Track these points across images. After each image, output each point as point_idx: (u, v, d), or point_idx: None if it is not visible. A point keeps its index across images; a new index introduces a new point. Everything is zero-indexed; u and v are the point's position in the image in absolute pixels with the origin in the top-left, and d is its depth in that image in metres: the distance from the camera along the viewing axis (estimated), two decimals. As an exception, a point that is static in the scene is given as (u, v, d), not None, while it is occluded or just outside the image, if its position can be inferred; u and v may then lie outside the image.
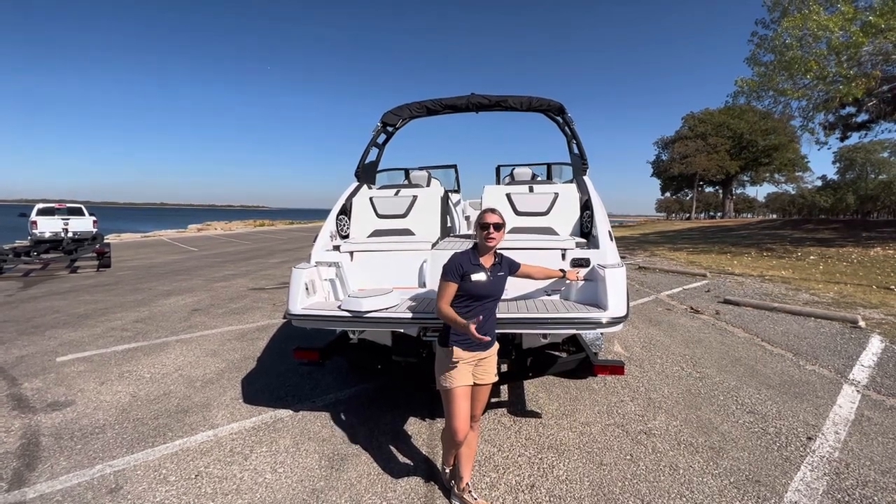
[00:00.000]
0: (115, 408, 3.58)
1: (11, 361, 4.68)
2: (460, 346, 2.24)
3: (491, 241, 2.27)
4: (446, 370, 2.25)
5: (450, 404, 2.25)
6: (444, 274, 2.25)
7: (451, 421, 2.25)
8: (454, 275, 2.22)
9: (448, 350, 2.25)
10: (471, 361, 2.29)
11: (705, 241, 20.37)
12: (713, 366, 4.47)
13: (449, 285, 2.23)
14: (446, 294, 2.23)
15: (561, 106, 4.65)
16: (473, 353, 2.29)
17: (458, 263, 2.24)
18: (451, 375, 2.24)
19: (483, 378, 2.36)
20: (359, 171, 4.49)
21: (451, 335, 2.26)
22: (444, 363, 2.26)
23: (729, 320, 6.20)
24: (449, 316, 2.21)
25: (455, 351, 2.24)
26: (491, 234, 2.26)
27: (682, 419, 3.35)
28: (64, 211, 14.28)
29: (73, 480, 2.62)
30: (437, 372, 2.29)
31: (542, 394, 3.81)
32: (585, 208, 3.51)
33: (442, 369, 2.27)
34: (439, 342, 2.31)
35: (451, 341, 2.25)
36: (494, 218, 2.28)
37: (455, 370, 2.24)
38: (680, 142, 46.51)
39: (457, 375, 2.24)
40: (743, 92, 16.81)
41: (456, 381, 2.23)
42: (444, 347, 2.28)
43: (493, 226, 2.27)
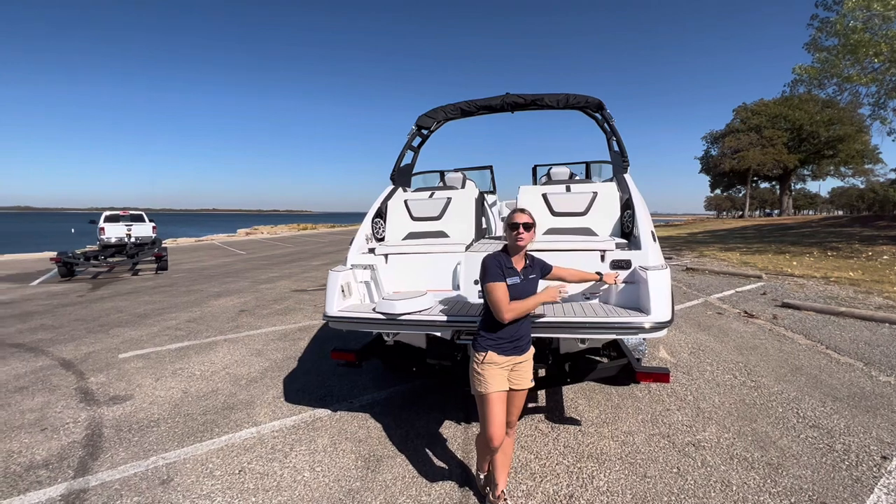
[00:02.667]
0: (168, 403, 3.80)
1: (81, 357, 5.08)
2: (496, 350, 2.19)
3: (521, 241, 2.20)
4: (482, 375, 2.19)
5: (485, 410, 2.19)
6: (488, 277, 2.14)
7: (487, 427, 2.20)
8: (499, 273, 2.14)
9: (483, 354, 2.20)
10: (506, 366, 2.23)
11: (760, 240, 19.09)
12: (770, 374, 4.15)
13: (500, 286, 2.13)
14: (504, 294, 2.12)
15: (599, 102, 4.50)
16: (509, 357, 2.23)
17: (499, 264, 2.18)
18: (486, 380, 2.18)
19: (519, 383, 2.29)
20: (394, 174, 4.53)
21: (486, 338, 2.21)
22: (479, 368, 2.21)
23: (788, 325, 5.76)
24: (523, 307, 2.14)
25: (490, 355, 2.19)
26: (521, 234, 2.19)
27: (735, 431, 3.13)
28: (127, 218, 15.43)
29: (130, 471, 2.79)
30: (472, 377, 2.24)
31: (581, 400, 3.69)
32: (626, 207, 3.36)
33: (477, 374, 2.21)
34: (474, 346, 2.25)
35: (486, 345, 2.20)
36: (524, 217, 2.21)
37: (491, 375, 2.19)
38: (731, 136, 43.85)
39: (492, 380, 2.18)
40: (802, 80, 15.69)
41: (492, 387, 2.18)
42: (479, 352, 2.22)
43: (523, 226, 2.19)
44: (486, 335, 2.22)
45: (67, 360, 4.96)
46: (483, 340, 2.22)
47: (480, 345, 2.22)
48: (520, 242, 2.21)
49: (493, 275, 2.14)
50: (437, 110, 4.99)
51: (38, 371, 4.64)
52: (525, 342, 2.29)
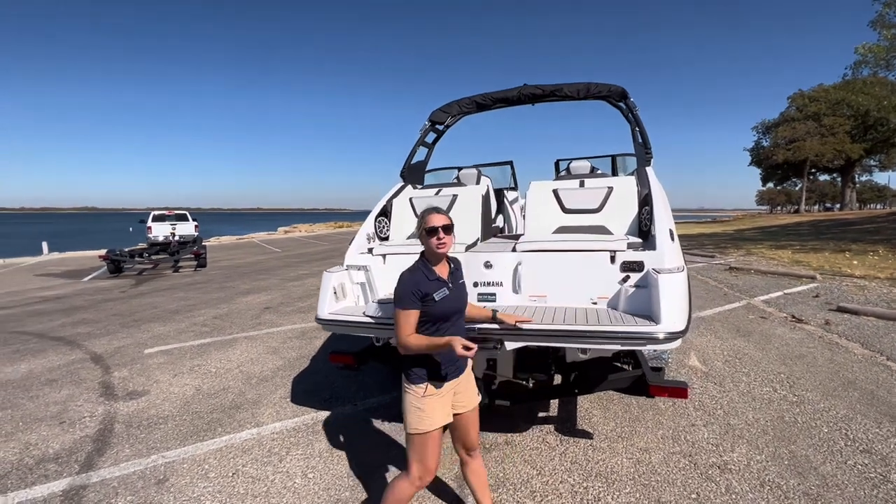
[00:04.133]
0: (180, 400, 3.86)
1: (110, 351, 5.31)
2: (435, 378, 1.89)
3: (443, 247, 1.88)
4: (423, 410, 1.86)
5: (425, 448, 1.88)
6: (398, 301, 1.82)
7: (425, 464, 1.89)
8: (413, 300, 1.82)
9: (422, 387, 1.88)
10: (449, 393, 1.95)
11: (817, 236, 17.64)
12: (817, 388, 3.72)
13: (409, 314, 1.82)
14: (409, 324, 1.82)
15: (623, 91, 4.19)
16: (451, 382, 1.94)
17: (414, 285, 1.83)
18: (430, 416, 1.86)
19: (467, 403, 2.02)
20: (404, 171, 4.41)
21: (419, 368, 1.89)
22: (418, 403, 1.87)
23: (842, 332, 5.19)
24: (423, 345, 1.80)
25: (430, 387, 1.89)
26: (441, 238, 1.86)
27: (770, 454, 2.79)
28: (172, 217, 16.31)
29: (130, 469, 2.82)
30: (410, 414, 1.88)
31: (596, 410, 3.43)
32: (645, 204, 3.07)
33: (417, 410, 1.87)
34: (408, 379, 1.91)
35: (423, 375, 1.89)
36: (441, 219, 1.89)
37: (433, 408, 1.88)
38: (785, 125, 40.78)
39: (436, 414, 1.88)
40: (867, 61, 14.29)
41: (438, 421, 1.88)
42: (416, 385, 1.88)
43: (443, 229, 1.87)
44: (420, 365, 1.90)
45: (98, 355, 5.19)
46: (417, 371, 1.90)
47: (416, 376, 1.89)
48: (441, 249, 1.88)
49: (401, 300, 1.83)
50: (452, 104, 4.83)
51: (70, 364, 4.87)
52: (463, 359, 1.99)
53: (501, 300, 2.72)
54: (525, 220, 3.39)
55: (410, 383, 1.90)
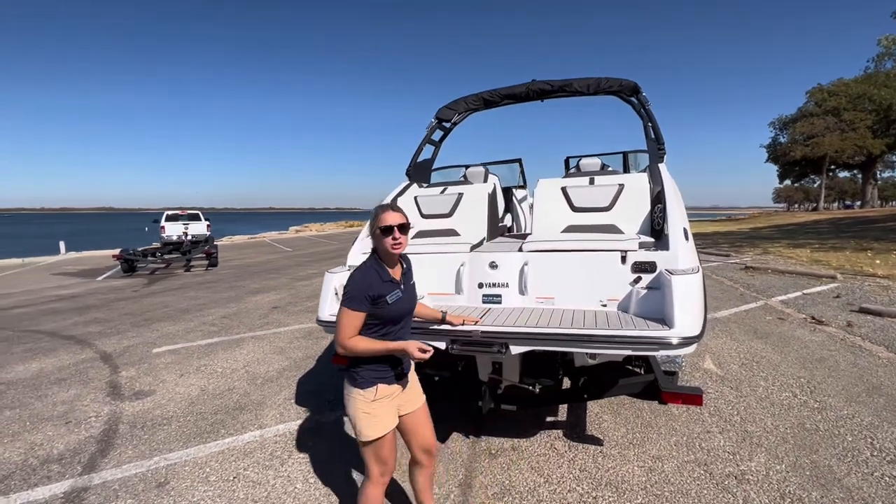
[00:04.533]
0: (185, 400, 3.85)
1: (119, 351, 5.34)
2: (385, 381, 1.83)
3: (398, 247, 1.82)
4: (373, 415, 1.80)
5: (381, 453, 1.83)
6: (346, 300, 1.73)
7: (383, 464, 1.85)
8: (363, 302, 1.74)
9: (372, 390, 1.80)
10: (397, 395, 1.90)
11: (837, 235, 17.16)
12: (839, 394, 3.56)
13: (356, 315, 1.73)
14: (352, 326, 1.73)
15: (635, 85, 4.07)
16: (399, 383, 1.90)
17: (367, 286, 1.76)
18: (380, 420, 1.81)
19: (413, 402, 1.98)
20: (409, 169, 4.34)
21: (369, 370, 1.81)
22: (368, 409, 1.80)
23: (866, 335, 4.99)
24: (370, 348, 1.74)
25: (381, 389, 1.81)
26: (397, 238, 1.80)
27: (790, 463, 2.66)
28: (185, 217, 16.51)
29: (132, 471, 2.80)
30: (360, 421, 1.80)
31: (607, 416, 3.32)
32: (658, 201, 2.95)
33: (367, 416, 1.79)
34: (354, 384, 1.81)
35: (372, 378, 1.81)
36: (398, 218, 1.82)
37: (384, 412, 1.83)
38: (804, 120, 39.78)
39: (387, 418, 1.83)
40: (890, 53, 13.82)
41: (389, 424, 1.84)
42: (365, 389, 1.80)
43: (399, 228, 1.80)
44: (367, 367, 1.81)
45: (107, 354, 5.22)
46: (366, 373, 1.81)
47: (365, 380, 1.80)
48: (396, 249, 1.82)
49: (351, 300, 1.73)
50: (459, 101, 4.74)
51: (80, 363, 4.91)
52: (408, 359, 1.94)
53: (507, 302, 2.63)
54: (533, 218, 3.30)
55: (358, 387, 1.81)
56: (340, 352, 1.77)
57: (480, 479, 2.62)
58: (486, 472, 2.67)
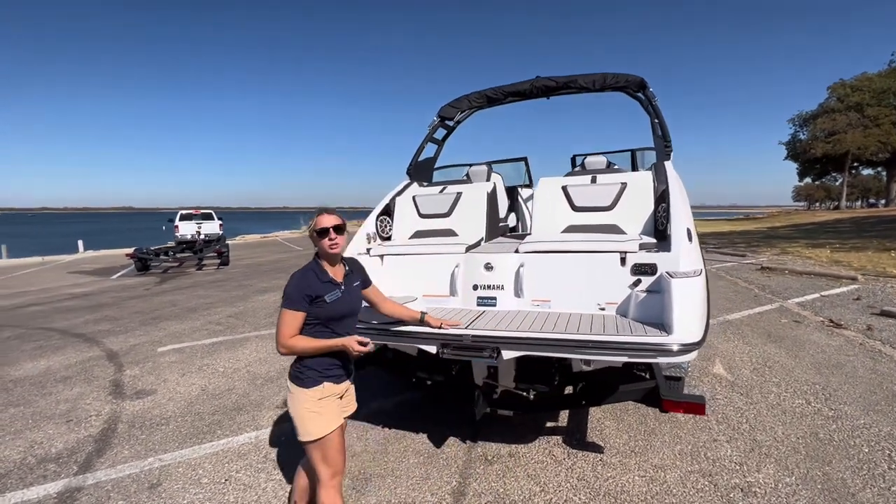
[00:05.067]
0: (185, 400, 3.85)
1: (126, 349, 5.39)
2: (332, 380, 1.86)
3: (336, 248, 1.87)
4: (319, 413, 1.81)
5: (328, 451, 1.82)
6: (285, 300, 1.77)
7: (332, 463, 1.83)
8: (301, 302, 1.77)
9: (318, 389, 1.82)
10: (341, 394, 1.93)
11: (859, 234, 16.63)
12: (856, 402, 3.39)
13: (295, 315, 1.76)
14: (291, 326, 1.76)
15: (641, 81, 3.95)
16: (343, 384, 1.93)
17: (305, 285, 1.80)
18: (324, 419, 1.81)
19: (349, 407, 2.03)
20: (410, 168, 4.28)
21: (314, 370, 1.82)
22: (314, 407, 1.81)
23: (887, 339, 4.77)
24: (312, 347, 1.78)
25: (327, 387, 1.83)
26: (333, 239, 1.85)
27: (801, 475, 2.53)
28: (199, 216, 16.77)
29: (126, 471, 2.79)
30: (304, 420, 1.80)
31: (609, 421, 3.22)
32: (662, 201, 2.84)
33: (313, 414, 1.80)
34: (299, 384, 1.82)
35: (318, 378, 1.82)
36: (332, 220, 1.87)
37: (329, 410, 1.84)
38: (825, 116, 38.67)
39: (332, 416, 1.84)
40: (916, 46, 13.25)
41: (334, 423, 1.84)
42: (311, 388, 1.81)
43: (335, 229, 1.85)
44: (312, 366, 1.83)
45: (114, 352, 5.28)
46: (311, 373, 1.82)
47: (310, 378, 1.82)
48: (334, 250, 1.87)
49: (290, 300, 1.77)
50: (462, 99, 4.67)
51: (86, 361, 4.97)
52: (350, 363, 1.97)
53: (502, 305, 2.56)
54: (532, 218, 3.21)
55: (304, 387, 1.82)
56: (282, 352, 1.79)
57: (475, 486, 2.55)
58: (480, 479, 2.60)
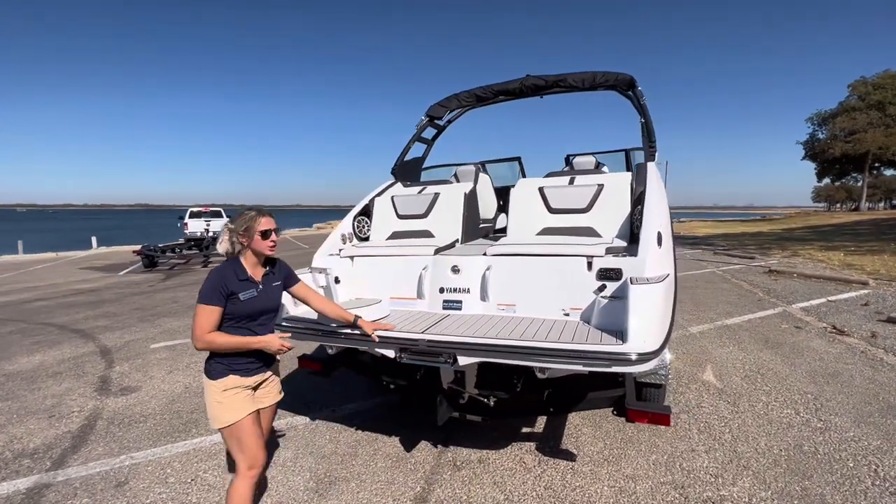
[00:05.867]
0: (167, 397, 3.88)
1: (119, 345, 5.46)
2: (238, 373, 1.90)
3: (274, 248, 1.96)
4: (224, 403, 1.86)
5: (242, 438, 1.86)
6: (202, 296, 1.80)
7: (248, 452, 1.87)
8: (218, 297, 1.80)
9: (222, 381, 1.86)
10: (251, 385, 1.97)
11: (877, 237, 16.12)
12: (848, 413, 3.26)
13: (211, 310, 1.79)
14: (208, 321, 1.78)
15: (631, 79, 3.86)
16: (254, 376, 1.97)
17: (222, 283, 1.83)
18: (229, 408, 1.86)
19: (267, 399, 2.07)
20: (395, 167, 4.25)
21: (219, 363, 1.87)
22: (219, 398, 1.86)
23: (890, 347, 4.60)
24: (231, 343, 1.82)
25: (231, 379, 1.87)
26: (275, 241, 1.94)
27: (777, 490, 2.43)
28: (208, 214, 17.03)
29: (96, 469, 2.81)
30: (213, 410, 1.87)
31: (587, 428, 3.15)
32: (639, 203, 2.75)
33: (219, 404, 1.86)
34: (208, 375, 1.88)
35: (223, 371, 1.86)
36: (272, 222, 1.94)
37: (236, 400, 1.88)
38: (845, 115, 37.61)
39: (240, 405, 1.88)
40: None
41: (242, 411, 1.88)
42: (216, 380, 1.86)
43: (275, 231, 1.93)
44: (219, 360, 1.88)
45: (107, 348, 5.35)
46: (216, 366, 1.87)
47: (216, 371, 1.87)
48: (273, 250, 1.96)
49: (205, 295, 1.79)
50: (451, 98, 4.63)
51: (80, 357, 5.04)
52: (269, 354, 2.00)
53: (467, 309, 2.50)
54: (508, 220, 3.15)
55: (210, 378, 1.88)
56: (198, 346, 1.82)
57: (438, 492, 2.50)
58: (445, 486, 2.55)
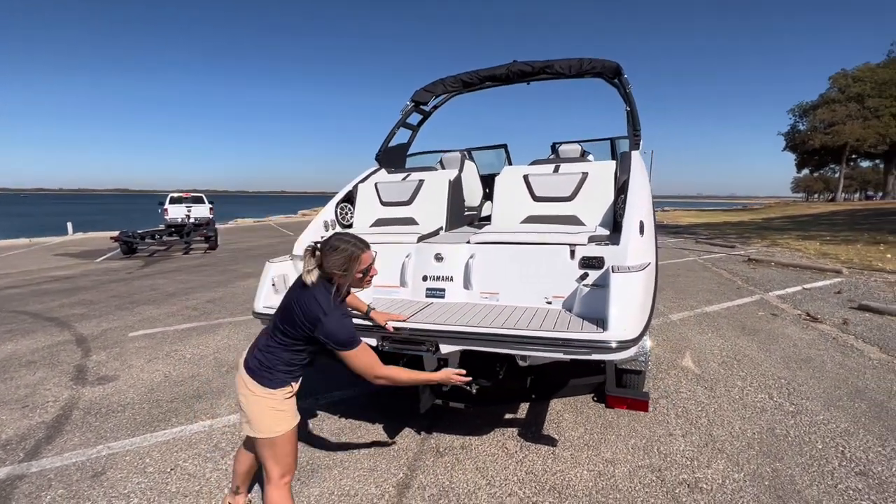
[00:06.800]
0: (146, 387, 3.81)
1: (97, 334, 5.34)
2: (295, 379, 1.85)
3: (368, 285, 1.91)
4: (286, 411, 1.80)
5: (285, 448, 1.80)
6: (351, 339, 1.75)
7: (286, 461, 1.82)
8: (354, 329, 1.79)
9: (288, 389, 1.80)
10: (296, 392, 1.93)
11: (851, 227, 16.60)
12: (819, 397, 3.37)
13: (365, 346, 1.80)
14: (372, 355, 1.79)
15: (617, 66, 3.85)
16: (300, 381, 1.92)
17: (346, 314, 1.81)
18: (287, 416, 1.80)
19: None
20: (380, 154, 4.18)
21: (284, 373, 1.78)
22: (281, 406, 1.78)
23: (860, 333, 4.76)
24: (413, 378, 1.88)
25: (291, 387, 1.82)
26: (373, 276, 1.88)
27: (750, 472, 2.50)
28: (189, 200, 16.62)
29: (72, 459, 2.75)
30: (270, 419, 1.76)
31: (568, 414, 3.19)
32: (622, 191, 2.76)
33: (280, 412, 1.78)
34: (266, 385, 1.76)
35: (287, 380, 1.80)
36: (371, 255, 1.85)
37: (290, 408, 1.82)
38: (825, 107, 38.31)
39: (293, 413, 1.84)
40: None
41: (295, 417, 1.84)
42: (281, 388, 1.78)
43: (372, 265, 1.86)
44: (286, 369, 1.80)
45: (83, 337, 5.22)
46: (282, 375, 1.79)
47: (279, 380, 1.78)
48: (366, 286, 1.91)
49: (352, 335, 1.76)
50: (437, 83, 4.56)
51: (54, 346, 4.91)
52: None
53: (451, 297, 2.49)
54: (493, 208, 3.13)
55: (271, 388, 1.77)
56: (382, 383, 1.84)
57: (421, 478, 2.52)
58: (428, 472, 2.57)
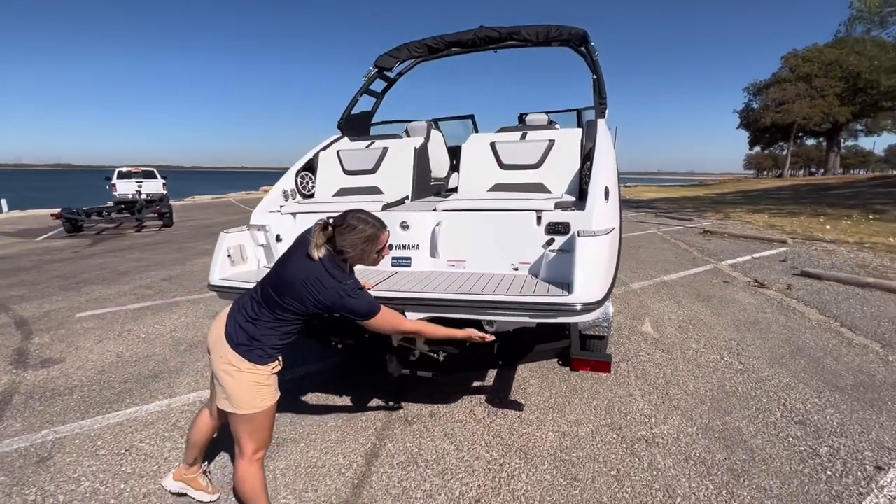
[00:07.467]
0: (95, 368, 3.60)
1: (38, 315, 4.98)
2: (281, 354, 1.81)
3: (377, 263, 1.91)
4: (270, 385, 1.76)
5: (265, 422, 1.78)
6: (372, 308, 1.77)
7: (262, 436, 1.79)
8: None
9: (274, 364, 1.77)
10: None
11: (796, 201, 17.66)
12: (764, 356, 3.61)
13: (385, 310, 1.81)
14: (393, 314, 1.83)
15: (584, 34, 3.80)
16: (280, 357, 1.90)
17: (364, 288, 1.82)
18: (271, 390, 1.78)
19: None
20: (342, 121, 4.00)
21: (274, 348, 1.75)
22: (266, 381, 1.75)
23: (801, 297, 5.10)
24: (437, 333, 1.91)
25: (276, 362, 1.79)
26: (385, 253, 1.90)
27: (702, 425, 2.66)
28: (140, 174, 15.58)
29: (14, 445, 2.58)
30: (255, 393, 1.72)
31: (534, 380, 3.27)
32: (588, 159, 2.77)
33: (264, 387, 1.74)
34: (255, 360, 1.70)
35: (274, 354, 1.76)
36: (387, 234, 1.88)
37: (274, 383, 1.80)
38: (777, 86, 39.91)
39: (276, 386, 1.81)
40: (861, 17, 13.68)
41: (277, 392, 1.81)
42: (268, 363, 1.74)
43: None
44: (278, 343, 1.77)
45: (24, 319, 4.86)
46: (271, 351, 1.75)
47: (266, 355, 1.73)
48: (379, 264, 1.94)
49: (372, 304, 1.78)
50: (401, 48, 4.37)
51: (-10, 329, 4.55)
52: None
53: (417, 265, 2.45)
54: (459, 176, 3.08)
55: (259, 364, 1.71)
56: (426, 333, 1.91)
57: (389, 447, 2.52)
58: (396, 440, 2.58)
